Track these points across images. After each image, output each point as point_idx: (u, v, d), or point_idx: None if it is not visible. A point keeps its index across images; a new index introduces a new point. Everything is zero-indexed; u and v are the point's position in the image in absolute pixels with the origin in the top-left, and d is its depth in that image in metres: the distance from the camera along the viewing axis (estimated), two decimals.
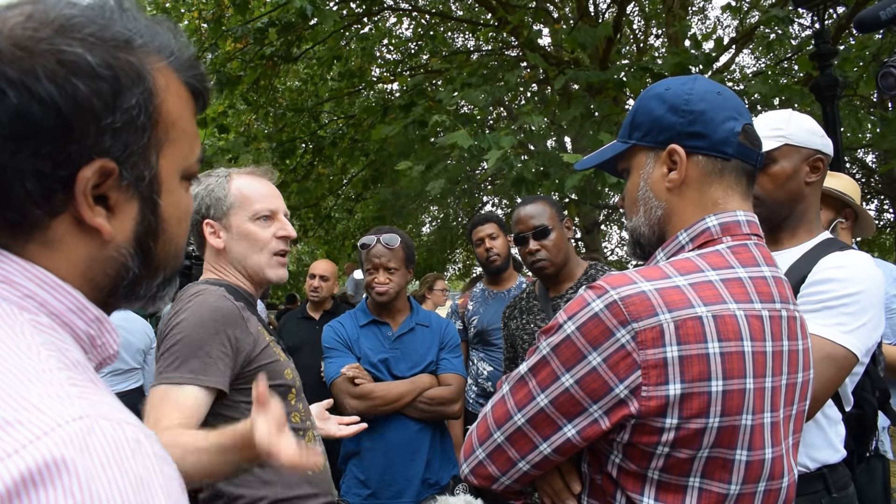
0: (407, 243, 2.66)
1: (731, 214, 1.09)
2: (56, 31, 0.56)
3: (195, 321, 1.48)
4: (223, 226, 1.66)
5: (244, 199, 1.66)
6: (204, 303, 1.51)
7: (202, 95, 0.70)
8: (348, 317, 2.75)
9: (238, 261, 1.66)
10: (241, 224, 1.65)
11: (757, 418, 0.99)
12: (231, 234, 1.66)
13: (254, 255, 1.66)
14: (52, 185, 0.57)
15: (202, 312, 1.49)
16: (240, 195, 1.67)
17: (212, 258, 1.69)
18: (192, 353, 1.44)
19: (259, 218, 1.66)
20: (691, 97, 1.09)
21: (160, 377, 1.45)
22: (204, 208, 1.66)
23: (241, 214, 1.66)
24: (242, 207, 1.66)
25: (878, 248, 15.28)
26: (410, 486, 2.49)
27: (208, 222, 1.66)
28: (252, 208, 1.66)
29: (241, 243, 1.65)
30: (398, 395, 2.49)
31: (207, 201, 1.66)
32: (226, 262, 1.67)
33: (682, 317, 0.95)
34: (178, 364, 1.44)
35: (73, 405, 0.49)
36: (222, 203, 1.66)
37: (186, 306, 1.51)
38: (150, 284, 0.69)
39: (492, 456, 1.08)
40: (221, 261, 1.68)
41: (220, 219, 1.66)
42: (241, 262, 1.66)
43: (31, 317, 0.57)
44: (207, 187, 1.67)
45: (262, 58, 7.18)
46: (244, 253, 1.66)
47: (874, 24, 1.89)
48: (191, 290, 1.57)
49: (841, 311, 1.46)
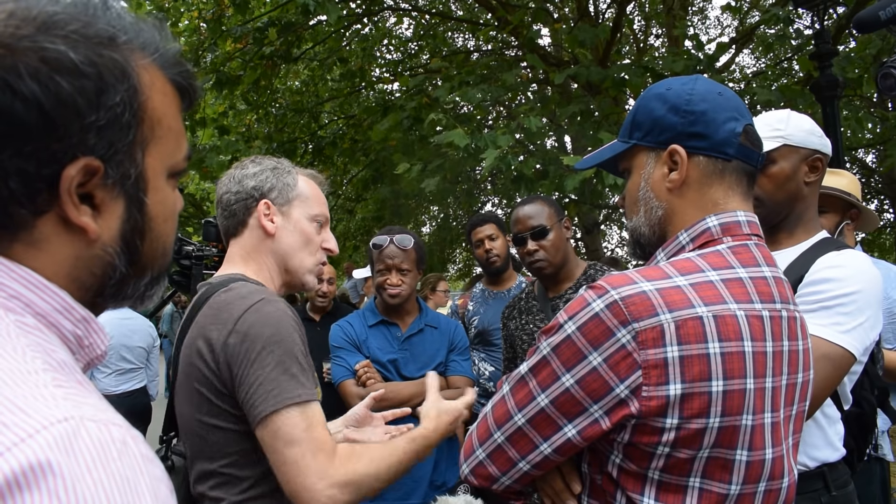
0: (419, 244, 2.65)
1: (732, 215, 1.08)
2: (38, 28, 0.55)
3: (284, 333, 1.31)
4: (281, 212, 1.53)
5: (309, 196, 1.58)
6: (280, 311, 1.34)
7: (188, 93, 0.69)
8: (356, 317, 2.73)
9: (283, 253, 1.53)
10: (301, 219, 1.55)
11: (757, 418, 0.99)
12: (288, 223, 1.53)
13: (302, 253, 1.55)
14: (36, 184, 0.56)
15: (285, 323, 1.33)
16: (306, 190, 1.58)
17: (250, 243, 1.53)
18: (300, 368, 1.31)
19: (316, 221, 1.58)
20: (692, 97, 1.09)
21: (282, 398, 1.25)
22: (267, 188, 1.53)
23: (302, 209, 1.56)
24: (306, 203, 1.57)
25: (878, 248, 15.27)
26: (418, 487, 2.48)
27: (267, 202, 1.52)
28: (314, 208, 1.58)
29: (294, 236, 1.54)
30: (408, 396, 2.48)
31: (273, 182, 1.53)
32: (267, 251, 1.52)
33: (682, 317, 0.95)
34: (294, 382, 1.28)
35: (59, 407, 0.48)
36: (289, 190, 1.55)
37: (260, 313, 1.32)
38: (138, 284, 0.68)
39: (492, 456, 1.08)
40: (262, 249, 1.52)
41: (281, 204, 1.54)
42: (286, 257, 1.54)
43: (16, 317, 0.56)
44: (275, 170, 1.56)
45: (262, 58, 7.18)
46: (294, 248, 1.54)
47: (873, 24, 1.89)
48: (248, 294, 1.36)
49: (838, 310, 1.46)
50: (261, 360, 1.27)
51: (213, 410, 1.33)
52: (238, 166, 1.59)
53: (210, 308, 1.37)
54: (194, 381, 1.35)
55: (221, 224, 1.58)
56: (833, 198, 2.33)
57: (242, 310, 1.31)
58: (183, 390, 1.40)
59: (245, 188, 1.52)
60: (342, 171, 10.50)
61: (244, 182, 1.53)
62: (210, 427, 1.34)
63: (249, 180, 1.53)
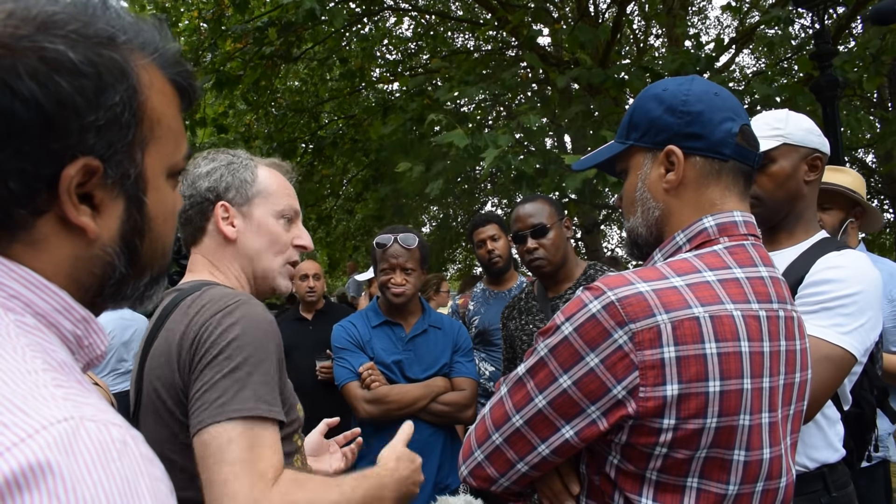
0: (423, 243, 2.62)
1: (728, 215, 1.09)
2: (38, 28, 0.55)
3: (255, 339, 1.16)
4: (241, 213, 1.39)
5: (272, 191, 1.43)
6: (258, 316, 1.20)
7: (188, 92, 0.69)
8: (359, 317, 2.71)
9: (248, 258, 1.39)
10: (265, 218, 1.40)
11: (755, 418, 0.99)
12: (250, 225, 1.39)
13: (269, 255, 1.41)
14: (35, 184, 0.56)
15: (259, 327, 1.18)
16: (268, 184, 1.42)
17: (211, 250, 1.39)
18: (263, 380, 1.13)
19: (283, 217, 1.43)
20: (689, 98, 1.09)
21: (225, 408, 1.08)
22: (222, 188, 1.38)
23: (265, 207, 1.41)
24: (269, 199, 1.41)
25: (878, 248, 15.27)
26: (422, 489, 2.47)
27: (224, 205, 1.37)
28: (279, 203, 1.43)
29: (258, 239, 1.39)
30: (413, 399, 2.47)
31: (228, 180, 1.39)
32: (231, 257, 1.39)
33: (679, 317, 0.95)
34: (249, 393, 1.11)
35: (59, 407, 0.48)
36: (247, 187, 1.40)
37: (235, 314, 1.18)
38: (138, 284, 0.68)
39: (490, 457, 1.08)
40: (225, 255, 1.39)
41: (240, 205, 1.39)
42: (252, 261, 1.40)
43: (16, 317, 0.56)
44: (230, 165, 1.41)
45: (262, 58, 7.18)
46: (259, 251, 1.39)
47: (891, 17, 1.88)
48: (220, 297, 1.22)
49: (839, 311, 1.46)
50: (216, 363, 1.12)
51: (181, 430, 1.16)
52: (191, 164, 1.42)
53: (180, 311, 1.23)
54: (163, 395, 1.19)
55: (180, 234, 1.42)
56: (838, 195, 2.33)
57: (215, 311, 1.18)
58: (150, 410, 1.23)
59: (199, 191, 1.38)
60: (342, 171, 10.50)
61: (197, 184, 1.38)
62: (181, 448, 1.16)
63: (202, 181, 1.38)
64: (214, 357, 1.13)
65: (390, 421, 2.44)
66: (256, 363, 1.14)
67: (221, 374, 1.11)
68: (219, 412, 1.08)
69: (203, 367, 1.13)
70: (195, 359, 1.15)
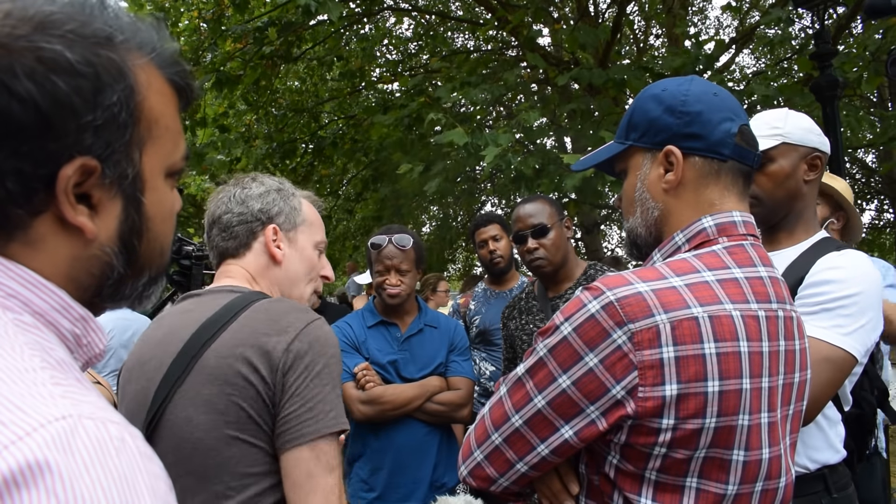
0: (418, 243, 2.62)
1: (728, 215, 1.09)
2: (35, 28, 0.55)
3: (339, 358, 1.26)
4: (288, 238, 1.45)
5: (313, 222, 1.51)
6: (333, 336, 1.28)
7: (186, 92, 0.69)
8: (355, 317, 2.71)
9: (287, 281, 1.45)
10: (307, 246, 1.48)
11: (754, 418, 0.99)
12: (294, 250, 1.46)
13: (304, 282, 1.48)
14: (32, 184, 0.56)
15: (336, 342, 1.27)
16: (310, 215, 1.51)
17: (255, 267, 1.43)
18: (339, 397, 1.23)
19: (318, 248, 1.52)
20: (688, 98, 1.09)
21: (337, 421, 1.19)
22: (275, 212, 1.44)
23: (308, 235, 1.49)
24: (310, 229, 1.49)
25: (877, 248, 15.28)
26: (418, 488, 2.47)
27: (275, 228, 1.43)
28: (317, 235, 1.51)
29: (301, 265, 1.47)
30: (408, 399, 2.47)
31: (280, 205, 1.45)
32: (273, 277, 1.44)
33: (678, 317, 0.95)
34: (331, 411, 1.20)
35: (57, 405, 0.48)
36: (296, 214, 1.47)
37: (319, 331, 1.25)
38: (136, 284, 0.68)
39: (490, 457, 1.08)
40: (268, 275, 1.43)
41: (287, 230, 1.45)
42: (290, 285, 1.46)
43: (14, 316, 0.56)
44: (280, 191, 1.47)
45: (262, 58, 7.18)
46: (298, 276, 1.47)
47: (885, 10, 1.88)
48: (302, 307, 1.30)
49: (839, 312, 1.46)
50: (323, 376, 1.20)
51: (246, 425, 1.19)
52: (238, 184, 1.48)
53: (261, 314, 1.26)
54: (229, 393, 1.20)
55: (218, 244, 1.45)
56: (827, 195, 2.36)
57: (306, 322, 1.24)
58: (202, 403, 1.21)
59: (251, 210, 1.43)
60: (342, 171, 10.50)
61: (249, 203, 1.43)
62: (232, 440, 1.19)
63: (255, 202, 1.44)
64: (319, 372, 1.20)
65: (386, 421, 2.46)
66: (339, 379, 1.24)
67: (328, 387, 1.20)
68: (334, 423, 1.19)
69: (309, 379, 1.19)
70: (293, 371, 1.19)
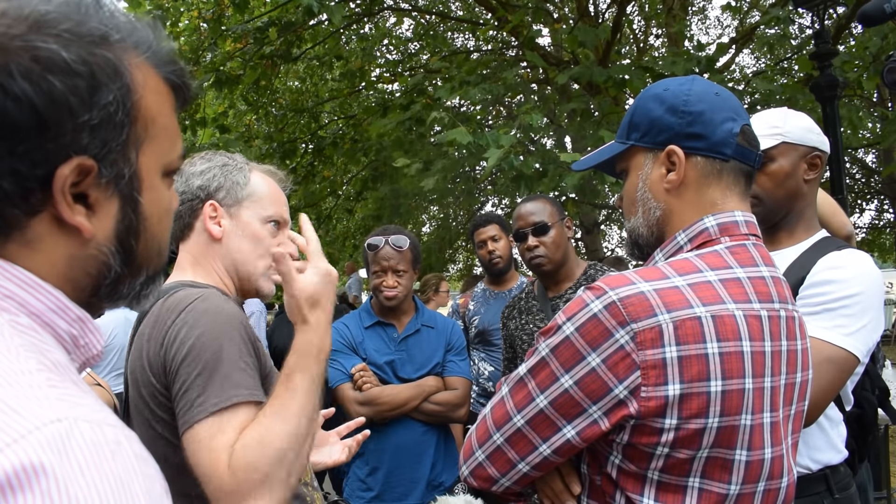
0: (414, 244, 2.63)
1: (730, 215, 1.09)
2: (30, 27, 0.55)
3: (216, 331, 1.20)
4: (230, 214, 1.43)
5: (262, 196, 1.46)
6: (215, 308, 1.24)
7: (182, 91, 0.69)
8: (352, 318, 2.71)
9: (232, 259, 1.43)
10: (252, 221, 1.44)
11: (756, 418, 0.99)
12: (236, 226, 1.43)
13: (253, 259, 1.44)
14: (29, 184, 0.56)
15: (217, 319, 1.22)
16: (259, 189, 1.46)
17: (196, 248, 1.43)
18: (233, 367, 1.18)
19: (270, 222, 1.47)
20: (690, 98, 1.09)
21: (200, 409, 1.13)
22: (213, 187, 1.42)
23: (254, 210, 1.45)
24: (258, 204, 1.45)
25: (877, 248, 15.28)
26: (416, 487, 2.48)
27: (213, 204, 1.41)
28: (268, 209, 1.46)
29: (243, 241, 1.43)
30: (404, 399, 2.47)
31: (220, 181, 1.42)
32: (215, 256, 1.43)
33: (680, 317, 0.95)
34: (220, 384, 1.15)
35: (52, 407, 0.48)
36: (239, 189, 1.43)
37: (194, 313, 1.22)
38: (133, 283, 0.68)
39: (491, 457, 1.08)
40: (210, 254, 1.43)
41: (229, 206, 1.43)
42: (235, 262, 1.43)
43: (10, 317, 0.56)
44: (224, 167, 1.45)
45: (262, 58, 7.18)
46: (243, 253, 1.43)
47: (879, 18, 1.87)
48: (183, 298, 1.26)
49: (841, 312, 1.46)
50: (187, 363, 1.17)
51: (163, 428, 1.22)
52: (187, 163, 1.46)
53: (151, 316, 1.28)
54: (144, 394, 1.24)
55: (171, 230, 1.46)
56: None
57: (177, 314, 1.22)
58: (135, 409, 1.28)
59: (190, 188, 1.42)
60: (342, 171, 10.49)
61: (190, 181, 1.42)
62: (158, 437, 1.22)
63: (195, 179, 1.42)
64: (184, 358, 1.18)
65: (383, 421, 2.46)
66: (224, 354, 1.18)
67: (196, 372, 1.16)
68: (202, 409, 1.13)
69: (177, 369, 1.18)
70: (167, 362, 1.20)
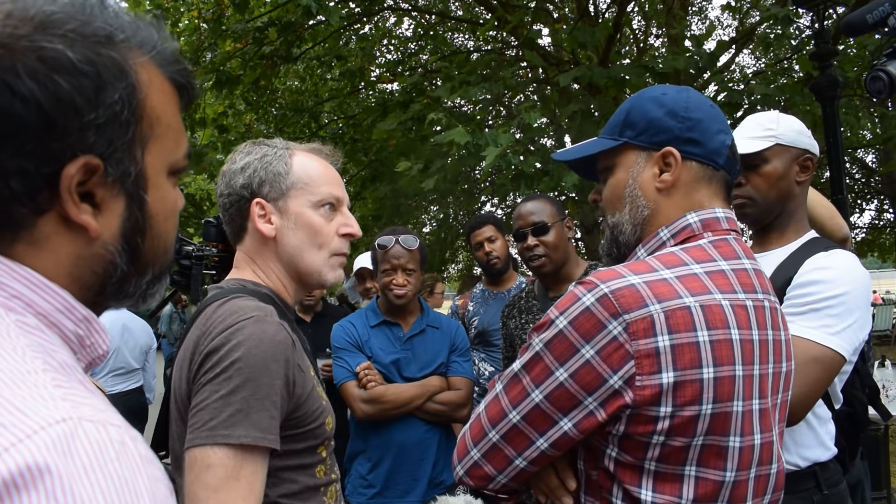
0: (422, 244, 2.67)
1: (711, 212, 1.12)
2: (36, 27, 0.55)
3: (257, 360, 1.12)
4: (278, 209, 1.32)
5: (309, 180, 1.34)
6: (264, 336, 1.15)
7: (186, 90, 0.69)
8: (358, 316, 2.74)
9: (289, 255, 1.33)
10: (303, 211, 1.33)
11: (746, 405, 1.01)
12: (287, 220, 1.33)
13: (312, 251, 1.34)
14: (36, 183, 0.56)
15: (263, 348, 1.13)
16: (304, 174, 1.34)
17: (253, 249, 1.35)
18: (260, 405, 1.10)
19: (323, 206, 1.35)
20: (690, 105, 1.13)
21: (208, 434, 1.07)
22: (256, 183, 1.32)
23: (302, 198, 1.33)
24: (306, 190, 1.34)
25: (877, 248, 15.27)
26: (417, 485, 2.50)
27: (259, 202, 1.31)
28: (317, 193, 1.34)
29: (298, 234, 1.33)
30: (408, 398, 2.50)
31: (262, 175, 1.32)
32: (272, 255, 1.34)
33: (671, 307, 0.97)
34: (240, 418, 1.08)
35: (57, 407, 0.48)
36: (281, 180, 1.32)
37: (243, 333, 1.14)
38: (139, 282, 0.68)
39: (487, 455, 1.09)
40: (265, 253, 1.34)
41: (275, 199, 1.32)
42: (293, 258, 1.34)
43: (17, 317, 0.56)
44: (263, 158, 1.34)
45: (262, 58, 7.18)
46: (300, 247, 1.33)
47: (861, 28, 1.90)
48: (238, 310, 1.18)
49: (826, 312, 1.48)
50: (216, 382, 1.10)
51: None
52: (229, 160, 1.39)
53: (202, 318, 1.23)
54: (180, 397, 1.21)
55: (228, 233, 1.40)
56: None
57: (225, 327, 1.16)
58: (174, 406, 1.25)
59: (234, 188, 1.34)
60: (342, 171, 10.47)
61: (233, 181, 1.34)
62: None
63: (238, 177, 1.34)
64: (216, 375, 1.11)
65: (387, 420, 2.49)
66: (255, 387, 1.11)
67: (218, 394, 1.09)
68: (208, 435, 1.07)
69: (204, 383, 1.12)
70: (199, 372, 1.14)
